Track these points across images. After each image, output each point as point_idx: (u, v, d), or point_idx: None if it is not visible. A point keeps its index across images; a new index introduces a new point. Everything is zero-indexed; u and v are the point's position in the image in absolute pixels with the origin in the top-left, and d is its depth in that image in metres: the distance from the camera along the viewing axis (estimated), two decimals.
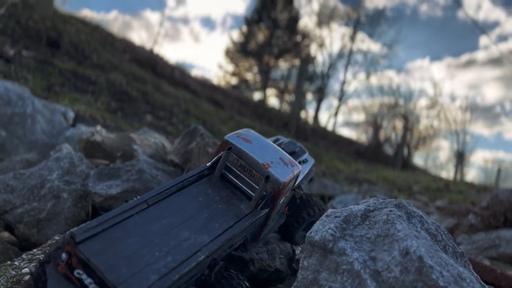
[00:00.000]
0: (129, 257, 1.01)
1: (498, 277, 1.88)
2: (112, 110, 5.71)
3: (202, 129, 2.32)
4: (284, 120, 16.03)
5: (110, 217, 1.08)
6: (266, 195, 1.35)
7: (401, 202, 1.35)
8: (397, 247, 1.18)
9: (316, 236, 1.25)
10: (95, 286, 0.95)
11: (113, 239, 1.04)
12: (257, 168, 1.35)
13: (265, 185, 1.31)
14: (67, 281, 0.99)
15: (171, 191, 1.28)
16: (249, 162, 1.36)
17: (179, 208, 1.23)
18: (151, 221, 1.15)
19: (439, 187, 6.91)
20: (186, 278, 1.06)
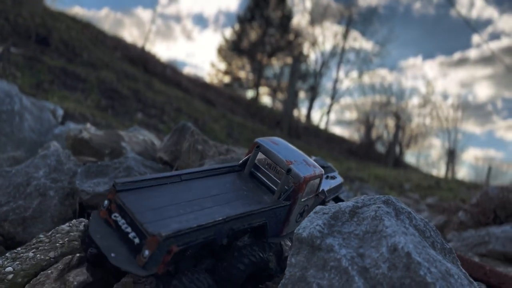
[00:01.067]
0: (157, 209, 1.17)
1: (487, 274, 1.89)
2: (102, 108, 5.66)
3: (192, 126, 2.30)
4: (277, 119, 16.02)
5: (147, 179, 1.27)
6: (288, 189, 1.44)
7: (389, 199, 1.34)
8: (385, 243, 1.17)
9: (304, 232, 1.24)
10: (127, 225, 1.13)
11: (146, 195, 1.21)
12: (281, 164, 1.46)
13: (287, 178, 1.43)
14: (106, 225, 1.17)
15: (203, 174, 1.44)
16: (274, 159, 1.49)
17: (207, 187, 1.38)
18: (180, 191, 1.30)
19: (430, 184, 6.94)
20: (203, 233, 1.16)
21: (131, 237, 1.11)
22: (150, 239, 1.06)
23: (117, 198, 1.18)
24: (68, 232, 1.54)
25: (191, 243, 1.12)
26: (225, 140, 7.02)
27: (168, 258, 1.07)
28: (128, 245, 1.11)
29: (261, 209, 1.34)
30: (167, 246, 1.07)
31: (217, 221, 1.19)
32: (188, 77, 15.10)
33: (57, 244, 1.50)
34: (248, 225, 1.31)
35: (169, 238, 1.07)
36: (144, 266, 1.06)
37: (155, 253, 1.06)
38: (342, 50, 29.34)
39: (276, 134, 11.11)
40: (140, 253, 1.07)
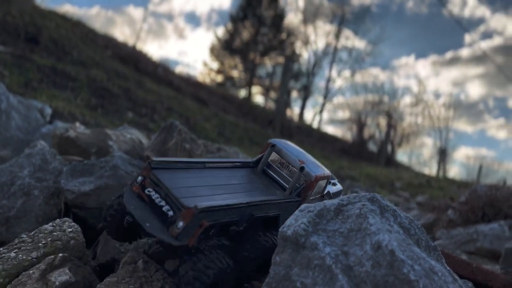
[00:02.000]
0: (188, 188, 1.28)
1: (474, 271, 1.89)
2: (92, 107, 5.61)
3: (179, 124, 2.28)
4: (269, 118, 16.00)
5: (178, 161, 1.40)
6: (299, 186, 1.54)
7: (374, 196, 1.33)
8: (369, 241, 1.16)
9: (288, 231, 1.23)
10: (161, 199, 1.22)
11: (177, 175, 1.33)
12: (294, 163, 1.57)
13: (299, 175, 1.52)
14: (139, 199, 1.26)
15: (222, 165, 1.58)
16: (287, 158, 1.59)
17: (227, 176, 1.50)
18: (205, 176, 1.43)
19: (421, 183, 6.98)
20: (229, 214, 1.26)
21: (165, 210, 1.20)
22: (185, 211, 1.16)
23: (151, 175, 1.27)
24: (51, 232, 1.52)
25: (219, 220, 1.22)
26: (217, 139, 7.00)
27: (199, 232, 1.17)
28: (160, 217, 1.20)
29: (277, 200, 1.45)
30: (199, 220, 1.17)
31: (242, 203, 1.30)
32: (180, 76, 15.04)
33: (39, 244, 1.47)
34: (265, 214, 1.40)
35: (202, 212, 1.16)
36: (176, 236, 1.15)
37: (188, 225, 1.15)
38: (335, 49, 29.43)
39: (269, 134, 11.10)
40: (173, 224, 1.16)
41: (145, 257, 1.52)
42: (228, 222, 1.27)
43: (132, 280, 1.39)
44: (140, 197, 1.27)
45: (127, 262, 1.45)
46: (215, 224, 1.23)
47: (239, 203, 1.29)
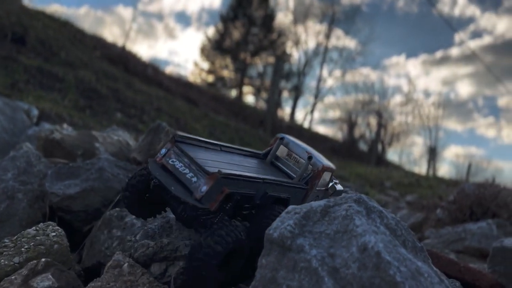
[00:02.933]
0: (209, 160, 1.39)
1: (462, 271, 1.90)
2: (80, 108, 5.55)
3: (167, 126, 2.26)
4: (260, 118, 16.00)
5: (198, 139, 1.50)
6: (307, 175, 1.62)
7: (361, 197, 1.33)
8: (355, 243, 1.16)
9: (274, 233, 1.22)
10: (184, 168, 1.32)
11: (198, 150, 1.44)
12: (302, 154, 1.66)
13: (307, 164, 1.60)
14: (162, 169, 1.35)
15: (235, 151, 1.68)
16: (295, 150, 1.68)
17: (241, 160, 1.61)
18: (222, 156, 1.54)
19: (410, 182, 7.02)
20: (247, 186, 1.35)
21: (189, 177, 1.30)
22: (209, 176, 1.26)
23: (176, 146, 1.38)
24: (34, 236, 1.49)
25: (238, 190, 1.32)
26: None
27: (221, 197, 1.26)
28: (184, 184, 1.30)
29: (288, 183, 1.53)
30: (221, 186, 1.26)
31: (258, 178, 1.39)
32: (170, 77, 14.97)
33: (22, 249, 1.45)
34: (278, 194, 1.48)
35: (225, 178, 1.26)
36: (200, 200, 1.24)
37: (211, 190, 1.25)
38: (325, 49, 29.49)
39: (260, 134, 11.10)
40: (197, 189, 1.26)
41: (130, 261, 1.50)
42: (245, 194, 1.36)
43: (117, 285, 1.37)
44: (163, 167, 1.36)
45: (111, 266, 1.43)
46: (234, 195, 1.32)
47: (257, 177, 1.39)
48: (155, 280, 1.46)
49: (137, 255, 1.58)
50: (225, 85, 29.12)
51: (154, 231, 1.77)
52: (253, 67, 29.58)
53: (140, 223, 1.81)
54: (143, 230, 1.76)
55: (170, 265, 1.57)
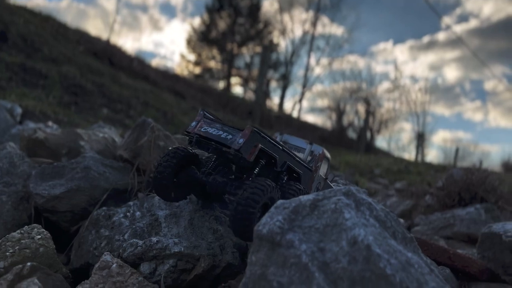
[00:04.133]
0: None
1: (451, 258, 1.91)
2: (65, 105, 5.45)
3: (152, 121, 2.23)
4: (249, 109, 15.94)
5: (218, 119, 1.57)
6: (311, 159, 1.78)
7: (350, 190, 1.32)
8: (345, 236, 1.15)
9: (263, 229, 1.20)
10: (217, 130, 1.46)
11: None
12: (301, 145, 1.82)
13: (310, 148, 1.78)
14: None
15: None
16: (294, 142, 1.85)
17: None
18: None
19: (399, 169, 7.07)
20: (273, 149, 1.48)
21: (224, 136, 1.44)
22: (244, 130, 1.40)
23: (206, 117, 1.53)
24: (19, 240, 1.46)
25: (267, 149, 1.45)
26: None
27: (255, 150, 1.40)
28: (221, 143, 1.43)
29: (300, 159, 1.66)
30: (254, 141, 1.40)
31: (280, 144, 1.53)
32: (157, 70, 14.81)
33: (7, 253, 1.41)
34: (293, 165, 1.60)
35: (257, 133, 1.40)
36: (239, 150, 1.37)
37: (247, 142, 1.38)
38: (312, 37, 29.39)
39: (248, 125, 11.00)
40: (234, 142, 1.39)
41: (119, 261, 1.48)
42: (271, 155, 1.49)
43: (105, 286, 1.34)
44: (198, 135, 1.49)
45: (99, 268, 1.40)
46: (263, 154, 1.46)
47: (279, 143, 1.52)
48: (144, 280, 1.44)
49: (126, 255, 1.56)
50: (212, 76, 28.93)
51: (143, 229, 1.75)
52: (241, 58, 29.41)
53: (128, 222, 1.78)
54: (131, 229, 1.74)
55: (160, 264, 1.55)
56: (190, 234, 1.67)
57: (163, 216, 1.76)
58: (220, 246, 1.60)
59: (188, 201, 1.84)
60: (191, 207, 1.82)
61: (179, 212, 1.78)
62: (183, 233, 1.67)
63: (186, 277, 1.54)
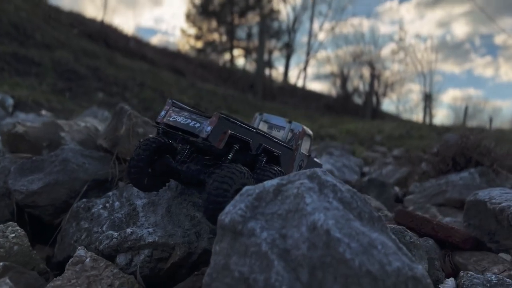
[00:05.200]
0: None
1: (435, 228, 1.90)
2: (58, 91, 5.43)
3: (129, 109, 2.20)
4: (250, 81, 15.76)
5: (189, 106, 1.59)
6: (291, 137, 1.79)
7: (315, 173, 1.29)
8: (305, 222, 1.13)
9: (226, 218, 1.19)
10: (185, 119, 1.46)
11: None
12: (281, 123, 1.84)
13: (289, 127, 1.80)
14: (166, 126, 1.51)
15: None
16: (274, 121, 1.86)
17: None
18: None
19: (401, 134, 6.99)
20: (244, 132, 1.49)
21: (192, 125, 1.43)
22: (212, 117, 1.38)
23: (174, 106, 1.52)
24: None
25: (238, 134, 1.45)
26: None
27: (224, 137, 1.40)
28: (189, 132, 1.43)
29: (277, 139, 1.67)
30: (223, 127, 1.40)
31: (252, 127, 1.53)
32: (155, 48, 14.65)
33: None
34: (270, 147, 1.61)
35: (225, 120, 1.40)
36: (207, 138, 1.37)
37: (215, 129, 1.37)
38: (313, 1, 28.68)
39: (249, 99, 10.98)
40: (202, 131, 1.38)
41: (93, 255, 1.48)
42: (243, 140, 1.49)
43: (78, 281, 1.36)
44: (166, 125, 1.49)
45: (73, 263, 1.41)
46: (234, 139, 1.45)
47: (251, 126, 1.53)
48: (120, 272, 1.45)
49: (102, 247, 1.57)
50: (215, 49, 28.53)
51: (121, 220, 1.75)
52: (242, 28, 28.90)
53: (107, 213, 1.78)
54: (109, 220, 1.74)
55: (136, 255, 1.56)
56: (167, 222, 1.67)
57: (141, 205, 1.77)
58: (196, 233, 1.60)
59: (166, 188, 1.84)
60: (169, 194, 1.82)
61: (157, 200, 1.78)
62: (160, 222, 1.67)
63: (163, 265, 1.55)
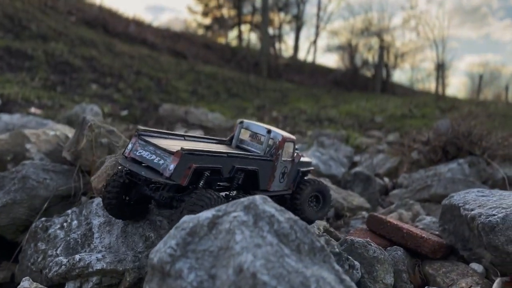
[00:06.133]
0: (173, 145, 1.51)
1: (405, 237, 1.83)
2: (50, 86, 5.39)
3: (90, 120, 2.14)
4: (255, 60, 15.49)
5: (160, 131, 1.65)
6: (270, 148, 1.77)
7: (252, 202, 1.22)
8: (232, 263, 1.07)
9: (155, 258, 1.14)
10: (151, 155, 1.46)
11: (161, 139, 1.58)
12: (261, 131, 1.82)
13: (268, 138, 1.76)
14: (132, 161, 1.50)
15: (200, 139, 1.83)
16: (255, 129, 1.85)
17: (206, 145, 1.73)
18: (186, 142, 1.69)
19: (403, 113, 6.82)
20: (212, 160, 1.49)
21: (156, 161, 1.43)
22: (174, 155, 1.39)
23: (140, 139, 1.52)
24: None
25: (204, 165, 1.46)
26: (188, 99, 6.79)
27: (189, 172, 1.40)
28: (153, 169, 1.44)
29: (253, 155, 1.68)
30: (187, 162, 1.40)
31: (222, 152, 1.54)
32: (157, 30, 14.45)
33: None
34: (245, 166, 1.61)
35: (189, 154, 1.40)
36: (170, 177, 1.38)
37: (178, 166, 1.38)
38: None
39: (250, 80, 10.81)
40: (165, 169, 1.39)
41: (38, 285, 1.45)
42: (213, 168, 1.49)
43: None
44: (132, 160, 1.50)
45: None
46: (202, 169, 1.46)
47: (220, 151, 1.53)
48: None
49: (51, 275, 1.54)
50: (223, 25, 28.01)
51: (77, 241, 1.71)
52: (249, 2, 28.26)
53: (64, 234, 1.75)
54: (65, 242, 1.71)
55: (84, 282, 1.52)
56: (120, 244, 1.63)
57: (97, 225, 1.72)
58: (148, 257, 1.55)
59: None
60: None
61: (114, 219, 1.74)
62: (114, 244, 1.63)
63: None
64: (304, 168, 1.99)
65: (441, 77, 26.69)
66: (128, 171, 1.54)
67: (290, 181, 1.91)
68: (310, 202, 1.96)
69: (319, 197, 1.98)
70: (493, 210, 1.71)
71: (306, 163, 2.02)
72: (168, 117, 5.11)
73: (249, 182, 1.70)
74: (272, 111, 7.06)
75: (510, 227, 1.61)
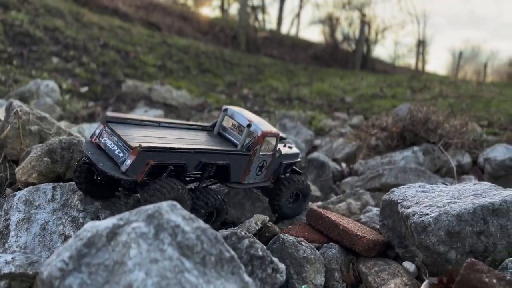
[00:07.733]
0: (138, 136, 1.50)
1: (341, 234, 1.79)
2: (6, 59, 5.13)
3: (18, 105, 2.00)
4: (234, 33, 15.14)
5: (131, 118, 1.62)
6: (249, 142, 1.72)
7: (157, 211, 1.14)
8: (123, 281, 0.99)
9: (45, 272, 1.06)
10: (114, 145, 1.45)
11: (130, 129, 1.56)
12: (243, 122, 1.76)
13: (247, 131, 1.72)
14: (97, 148, 1.50)
15: (178, 126, 1.78)
16: (238, 119, 1.80)
17: (181, 134, 1.70)
18: (158, 131, 1.64)
19: (374, 93, 6.79)
20: (175, 157, 1.45)
21: (117, 153, 1.43)
22: (132, 151, 1.38)
23: (107, 126, 1.50)
24: None
25: (165, 161, 1.43)
26: (156, 75, 6.58)
27: (146, 169, 1.39)
28: (113, 160, 1.43)
29: (224, 150, 1.63)
30: (145, 158, 1.38)
31: (187, 148, 1.49)
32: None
33: None
34: (214, 162, 1.58)
35: (146, 151, 1.38)
36: (125, 172, 1.38)
37: (135, 163, 1.37)
38: None
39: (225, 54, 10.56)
40: (123, 163, 1.39)
41: None
42: (175, 164, 1.46)
43: None
44: (97, 146, 1.50)
45: None
46: (164, 165, 1.44)
47: (185, 148, 1.48)
48: None
49: None
50: None
51: None
52: None
53: None
54: None
55: None
56: (37, 244, 1.54)
57: (15, 221, 1.62)
58: None
59: (50, 199, 1.70)
60: (51, 206, 1.67)
61: (34, 215, 1.64)
62: (30, 243, 1.54)
63: None
64: (288, 161, 1.97)
65: (421, 53, 26.72)
66: (87, 160, 1.53)
67: (270, 173, 1.89)
68: (289, 198, 1.97)
69: (299, 195, 2.00)
70: (427, 208, 1.67)
71: (291, 155, 2.00)
72: (130, 94, 4.94)
73: (222, 174, 1.69)
74: (243, 88, 6.92)
75: (442, 227, 1.58)
